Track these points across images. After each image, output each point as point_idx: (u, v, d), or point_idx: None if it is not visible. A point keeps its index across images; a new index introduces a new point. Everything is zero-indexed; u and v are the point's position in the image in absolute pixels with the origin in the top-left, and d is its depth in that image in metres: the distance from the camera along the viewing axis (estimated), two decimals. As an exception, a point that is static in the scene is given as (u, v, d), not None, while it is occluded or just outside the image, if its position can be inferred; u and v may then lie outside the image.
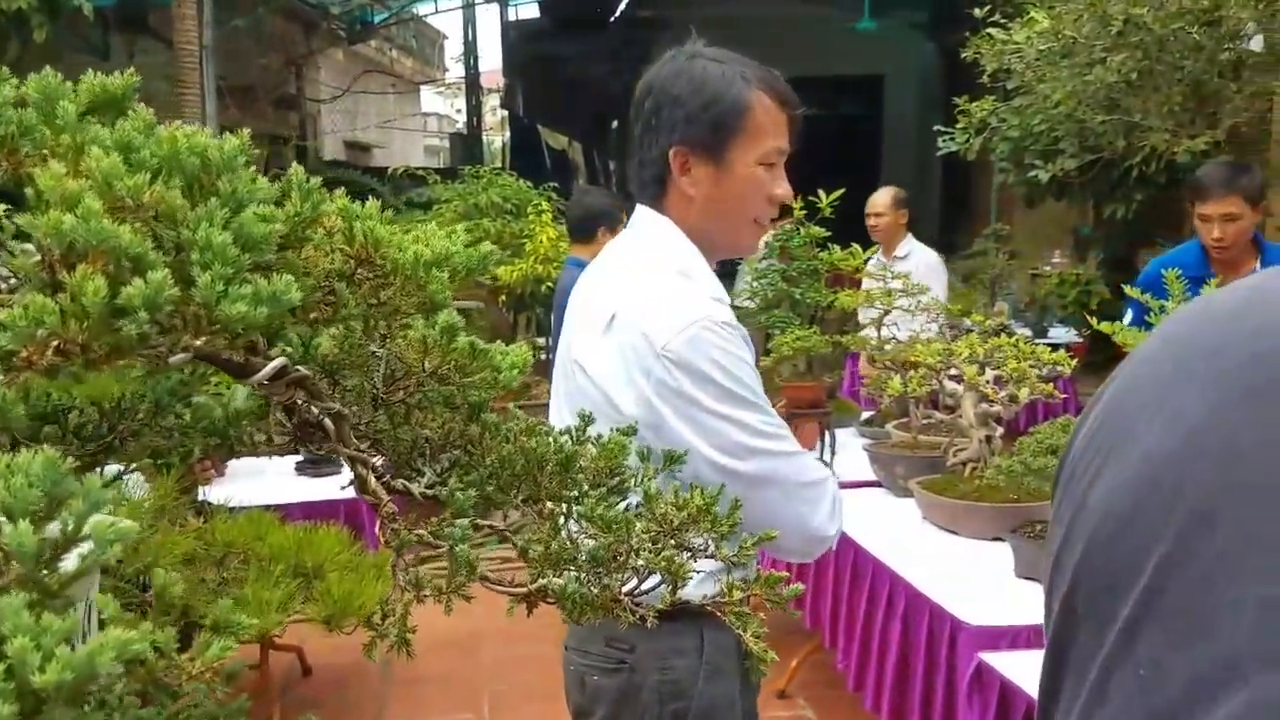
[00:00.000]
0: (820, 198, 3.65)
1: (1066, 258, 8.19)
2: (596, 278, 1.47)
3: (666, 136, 1.38)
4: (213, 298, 0.41)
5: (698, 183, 1.38)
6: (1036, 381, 2.35)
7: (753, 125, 1.37)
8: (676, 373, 1.27)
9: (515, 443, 0.74)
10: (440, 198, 5.54)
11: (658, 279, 1.37)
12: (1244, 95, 4.02)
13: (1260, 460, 0.37)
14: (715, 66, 1.39)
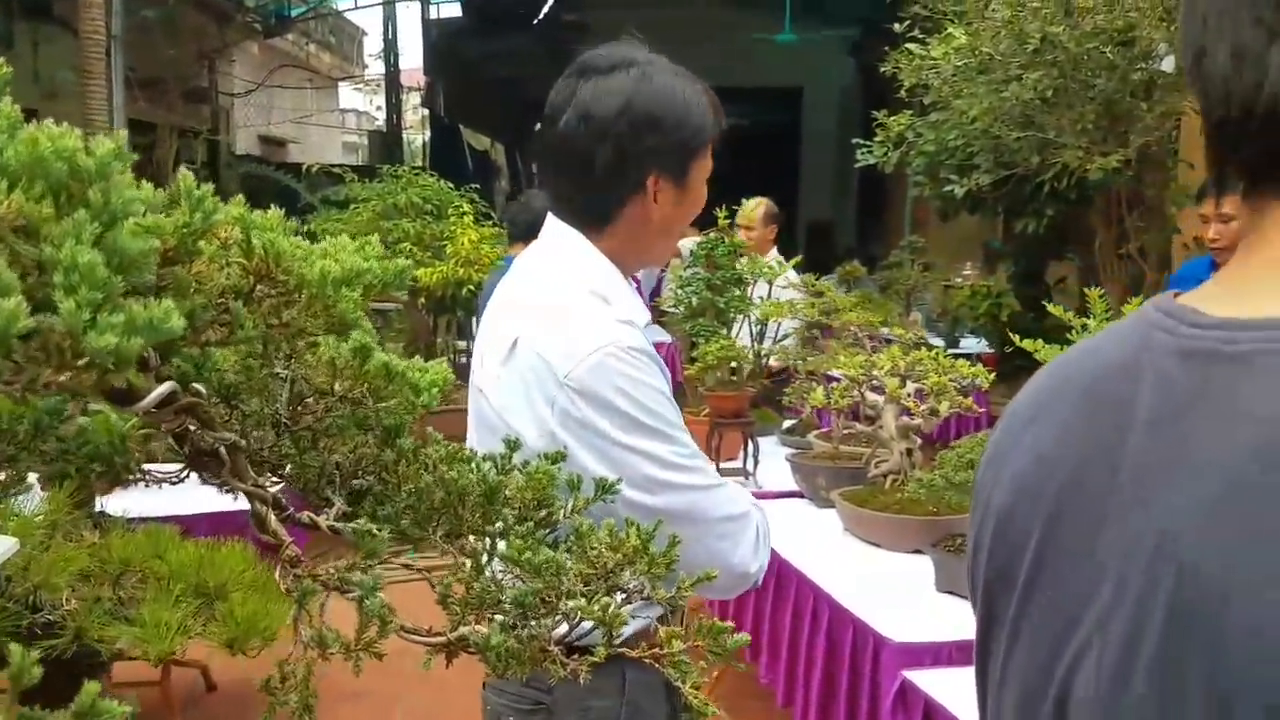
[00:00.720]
0: (743, 205, 3.66)
1: (977, 270, 8.37)
2: (504, 301, 1.40)
3: (646, 162, 1.30)
4: (78, 327, 0.35)
5: (662, 206, 1.33)
6: (955, 395, 2.36)
7: (707, 145, 1.36)
8: (580, 402, 1.21)
9: (435, 472, 0.68)
10: (358, 196, 5.40)
11: (564, 303, 1.29)
12: (1154, 115, 4.14)
13: (1089, 473, 0.55)
14: (687, 87, 1.35)
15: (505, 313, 1.37)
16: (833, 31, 13.39)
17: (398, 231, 5.13)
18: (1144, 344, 0.55)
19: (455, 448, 0.74)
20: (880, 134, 5.46)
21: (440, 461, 0.72)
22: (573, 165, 1.32)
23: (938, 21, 4.86)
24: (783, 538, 2.49)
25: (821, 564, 2.29)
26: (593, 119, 1.29)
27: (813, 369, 2.98)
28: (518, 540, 0.62)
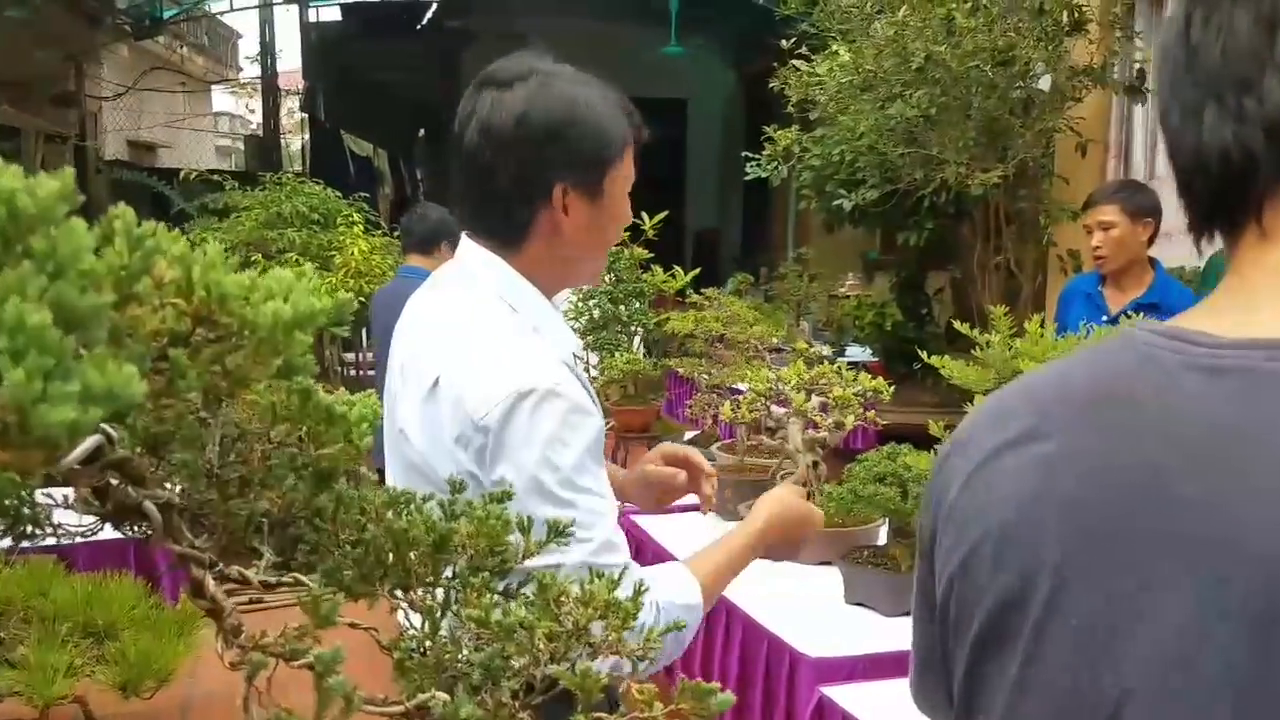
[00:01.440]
0: (644, 220, 3.65)
1: (858, 279, 8.61)
2: (419, 327, 1.33)
3: (550, 173, 1.25)
4: (27, 400, 0.30)
5: (574, 219, 1.27)
6: (859, 408, 2.40)
7: (623, 155, 1.30)
8: (492, 448, 1.15)
9: (380, 522, 0.64)
10: (239, 205, 5.19)
11: (487, 336, 1.23)
12: (1032, 132, 4.31)
13: (1126, 488, 0.58)
14: (592, 94, 1.29)
15: (424, 343, 1.29)
16: (717, 45, 13.60)
17: (282, 241, 4.95)
18: (1148, 364, 0.59)
19: (398, 492, 0.69)
20: (768, 148, 5.55)
21: (384, 507, 0.68)
22: (478, 182, 1.27)
23: (823, 39, 4.97)
24: (691, 551, 2.48)
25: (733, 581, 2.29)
26: (492, 132, 1.24)
27: (717, 383, 2.99)
28: (476, 595, 0.58)
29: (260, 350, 0.49)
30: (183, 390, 0.48)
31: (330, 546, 0.68)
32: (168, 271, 0.48)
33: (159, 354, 0.50)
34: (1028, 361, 1.63)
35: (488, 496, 0.72)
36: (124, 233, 0.43)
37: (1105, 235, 3.02)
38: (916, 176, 4.58)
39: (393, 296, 3.81)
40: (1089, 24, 4.26)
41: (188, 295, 0.49)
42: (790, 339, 6.62)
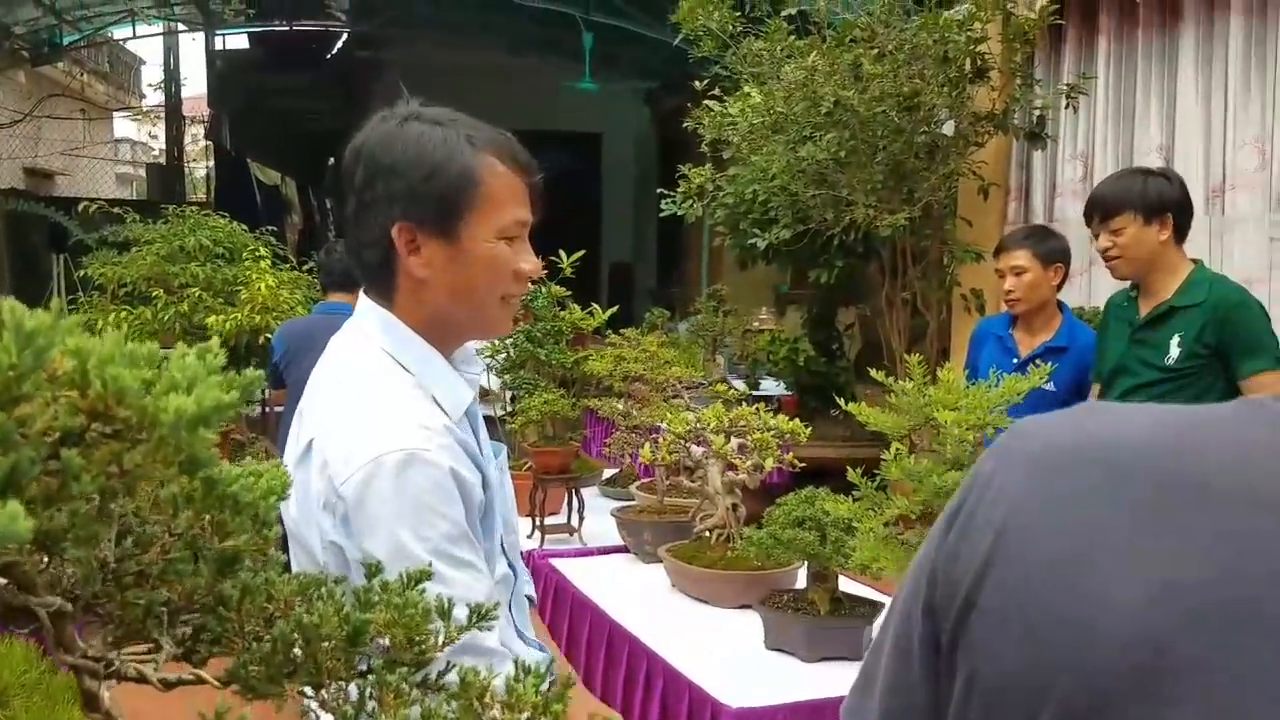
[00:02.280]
0: (561, 257, 3.64)
1: (771, 314, 8.73)
2: (311, 390, 1.27)
3: (385, 212, 1.19)
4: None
5: (430, 264, 1.21)
6: (777, 450, 2.42)
7: (486, 196, 1.21)
8: (352, 516, 1.10)
9: (289, 615, 0.60)
10: (140, 238, 5.00)
11: (361, 395, 1.17)
12: (937, 175, 4.43)
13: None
14: (435, 130, 1.21)
15: (308, 402, 1.25)
16: (631, 81, 13.74)
17: (185, 276, 4.78)
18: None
19: (308, 578, 0.66)
20: (682, 185, 5.61)
21: (293, 595, 0.64)
22: (345, 230, 1.27)
23: (735, 81, 5.06)
24: (612, 596, 2.46)
25: (652, 624, 2.27)
26: (341, 176, 1.24)
27: (636, 423, 2.98)
28: (394, 695, 0.55)
29: (161, 448, 0.46)
30: (76, 493, 0.45)
31: (234, 636, 0.64)
32: (62, 363, 0.45)
33: (50, 452, 0.46)
34: (942, 410, 1.66)
35: (406, 578, 0.69)
36: (13, 328, 0.40)
37: (1017, 280, 3.11)
38: (827, 216, 4.66)
39: (304, 334, 3.71)
40: (991, 72, 4.41)
41: (83, 389, 0.46)
42: (706, 374, 6.67)
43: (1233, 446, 0.55)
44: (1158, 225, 2.72)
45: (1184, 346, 2.65)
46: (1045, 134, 4.57)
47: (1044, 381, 1.76)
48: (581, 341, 4.18)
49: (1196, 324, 2.63)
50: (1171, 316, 2.68)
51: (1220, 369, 2.61)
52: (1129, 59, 4.52)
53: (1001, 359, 3.12)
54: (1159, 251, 2.73)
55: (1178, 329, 2.67)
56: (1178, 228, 2.74)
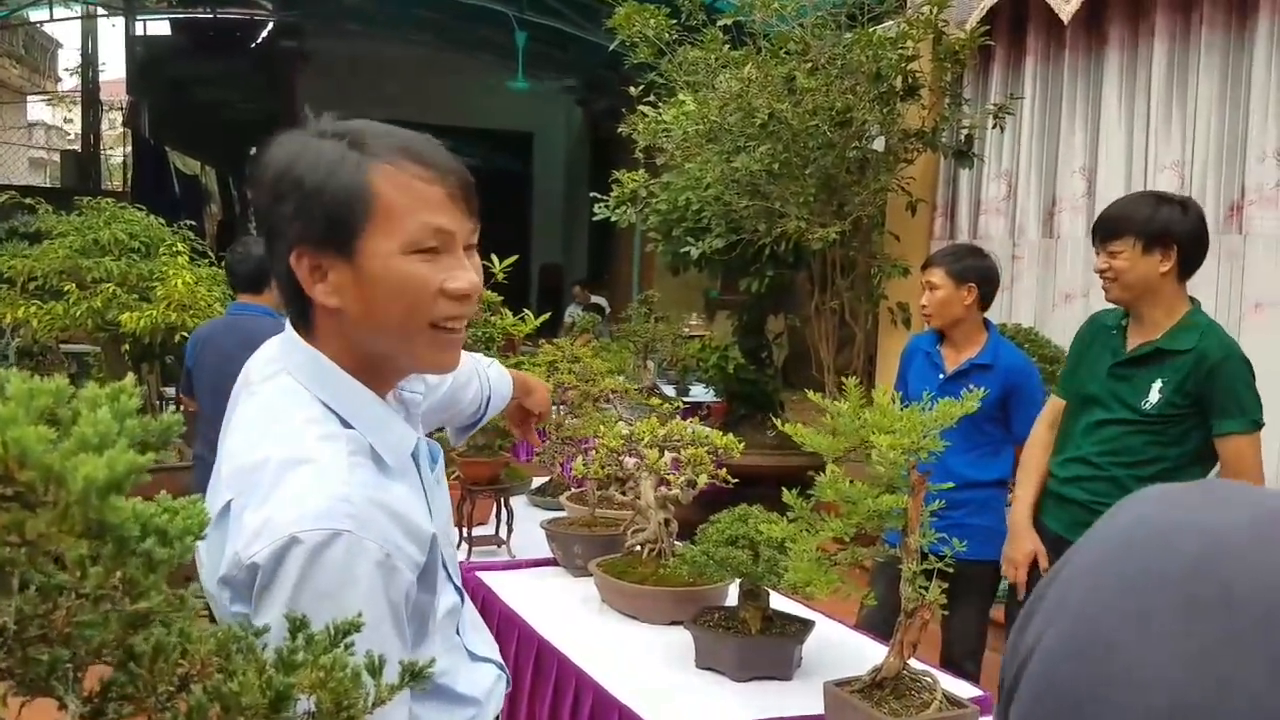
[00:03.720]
0: (494, 261, 3.58)
1: (702, 319, 8.76)
2: (229, 438, 1.12)
3: (284, 238, 1.06)
4: None
5: (338, 290, 1.05)
6: (711, 465, 2.40)
7: (382, 208, 1.04)
8: (255, 595, 0.95)
9: (205, 678, 0.56)
10: (53, 230, 4.80)
11: (287, 453, 1.01)
12: (868, 190, 4.49)
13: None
14: (330, 145, 1.07)
15: (226, 453, 1.09)
16: (564, 82, 13.68)
17: (99, 270, 4.60)
18: None
19: (226, 634, 0.61)
20: (616, 190, 5.59)
21: (210, 655, 0.60)
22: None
23: (670, 88, 5.06)
24: (541, 612, 2.42)
25: (581, 641, 2.24)
26: (253, 188, 1.11)
27: (570, 434, 2.94)
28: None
29: (69, 517, 0.41)
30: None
31: (145, 695, 0.59)
32: (-47, 423, 0.41)
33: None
34: (878, 435, 1.66)
35: (332, 630, 0.65)
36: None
37: (931, 295, 3.15)
38: (759, 227, 4.69)
39: (208, 339, 3.58)
40: (921, 89, 4.48)
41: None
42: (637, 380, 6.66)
43: None
44: (1159, 255, 2.51)
45: (1164, 394, 2.54)
46: (973, 153, 4.65)
47: (976, 409, 1.77)
48: (513, 348, 4.13)
49: (1181, 372, 2.52)
50: (1158, 359, 2.57)
51: (1200, 419, 2.53)
52: (1055, 80, 4.64)
53: (929, 374, 3.16)
54: (1156, 283, 2.53)
55: (1162, 375, 2.55)
56: (1182, 261, 2.53)
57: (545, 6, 10.19)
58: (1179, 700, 0.41)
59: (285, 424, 1.05)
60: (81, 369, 5.13)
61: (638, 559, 2.45)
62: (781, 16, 4.61)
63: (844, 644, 2.23)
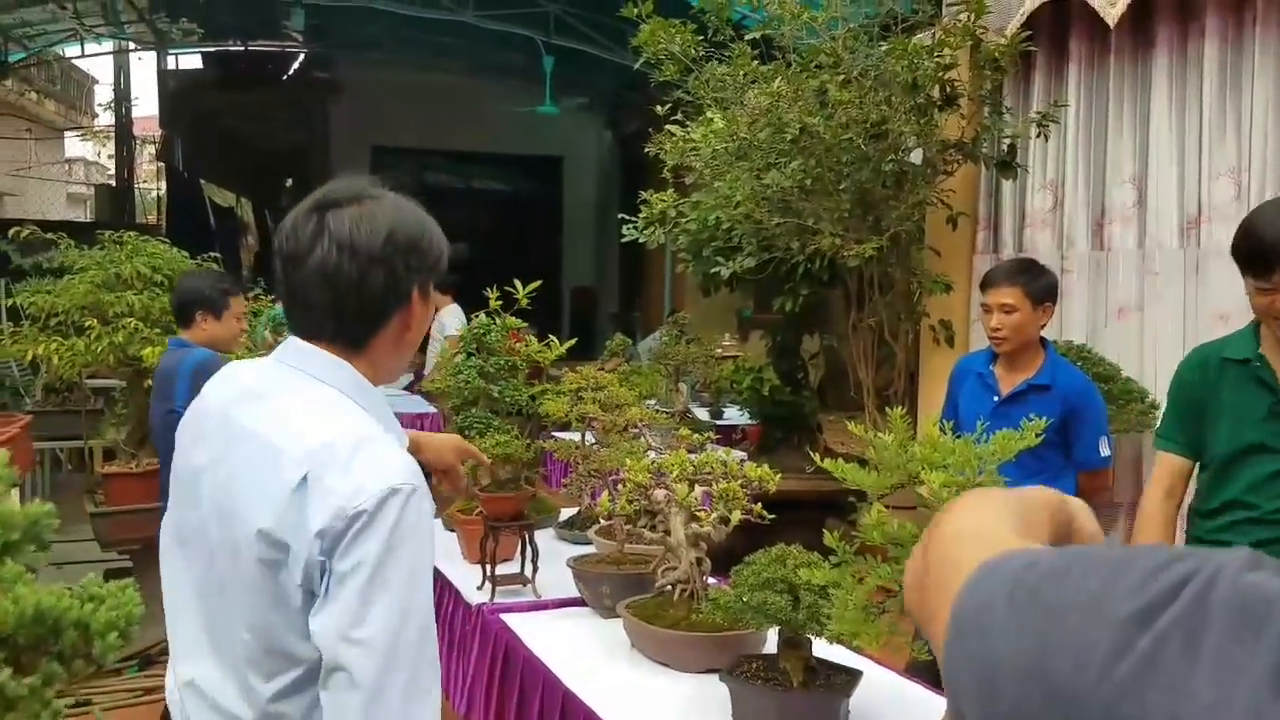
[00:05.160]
0: (517, 287, 3.45)
1: (734, 339, 8.60)
2: (261, 435, 1.33)
3: (412, 281, 1.39)
4: None
5: (417, 317, 1.43)
6: (745, 500, 2.25)
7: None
8: (356, 537, 1.22)
9: None
10: (74, 265, 4.75)
11: (351, 435, 1.30)
12: (906, 204, 4.32)
13: None
14: (425, 215, 1.45)
15: (268, 447, 1.30)
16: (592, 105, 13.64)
17: (121, 305, 4.54)
18: None
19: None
20: (644, 210, 5.47)
21: None
22: (335, 292, 1.35)
23: (698, 105, 4.94)
24: (567, 658, 2.27)
25: (608, 690, 2.09)
26: (359, 248, 1.34)
27: (597, 467, 2.80)
28: None
29: None
30: None
31: None
32: None
33: None
34: (928, 471, 1.50)
35: None
36: None
37: (1005, 318, 2.90)
38: (792, 245, 4.54)
39: (169, 372, 3.49)
40: (960, 99, 4.32)
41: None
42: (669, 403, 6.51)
43: None
44: None
45: None
46: (1016, 163, 4.48)
47: (1037, 440, 1.61)
48: (539, 375, 4.00)
49: None
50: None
51: None
52: (1100, 86, 4.45)
53: (981, 397, 2.98)
54: None
55: None
56: None
57: (572, 30, 10.14)
58: None
59: (342, 416, 1.33)
60: (107, 404, 5.07)
61: (669, 600, 2.30)
62: (812, 29, 4.47)
63: (896, 695, 2.06)
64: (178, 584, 1.39)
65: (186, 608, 1.36)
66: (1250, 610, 0.43)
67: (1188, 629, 0.43)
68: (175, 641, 1.39)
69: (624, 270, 14.69)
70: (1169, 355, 4.12)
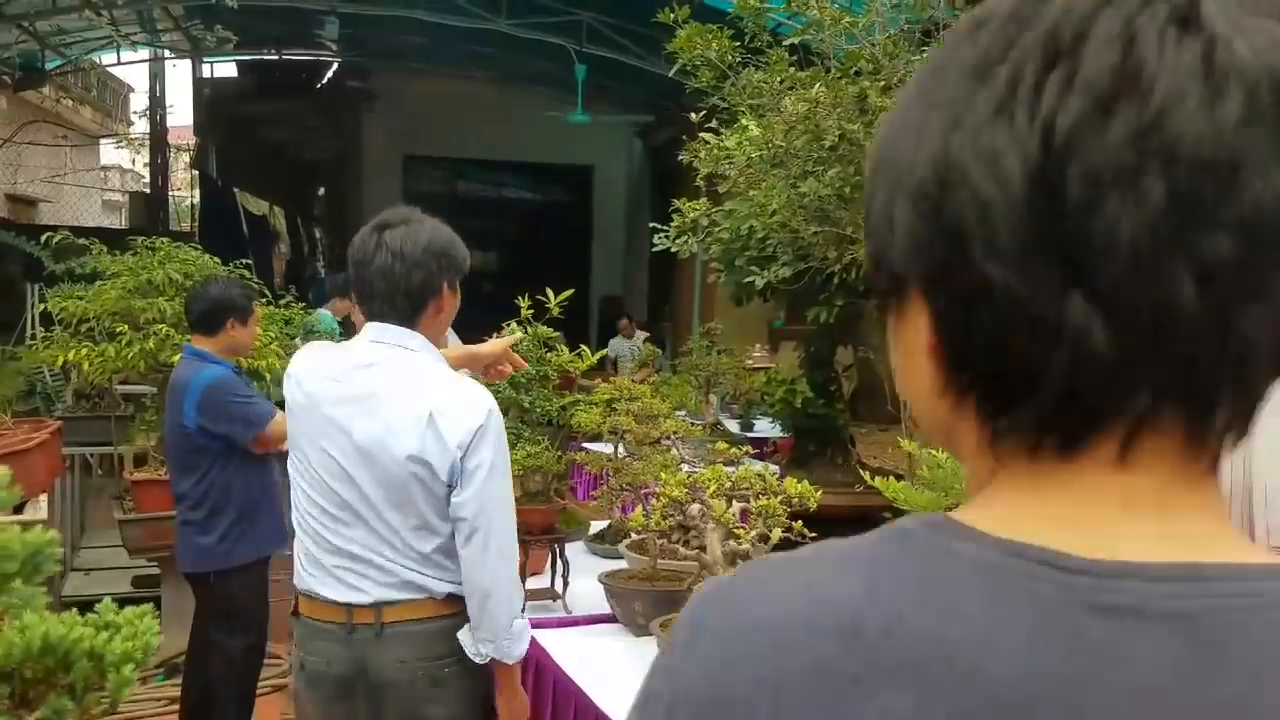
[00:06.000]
0: (549, 296, 3.38)
1: (765, 350, 8.50)
2: (388, 390, 1.97)
3: (446, 278, 2.05)
4: None
5: (449, 306, 2.08)
6: (785, 516, 2.17)
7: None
8: (475, 445, 1.93)
9: None
10: (106, 270, 4.75)
11: (451, 377, 2.05)
12: (945, 214, 4.22)
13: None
14: (451, 232, 2.10)
15: (395, 395, 1.96)
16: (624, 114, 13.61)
17: (152, 311, 4.52)
18: (1013, 597, 0.43)
19: None
20: (676, 219, 5.39)
21: None
22: (394, 287, 1.99)
23: (733, 113, 4.85)
24: (598, 678, 2.20)
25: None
26: (405, 255, 1.99)
27: (630, 480, 2.73)
28: None
29: None
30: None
31: None
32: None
33: None
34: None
35: None
36: None
37: None
38: (829, 255, 4.44)
39: (182, 381, 3.40)
40: (1003, 105, 4.21)
41: None
42: (698, 414, 6.43)
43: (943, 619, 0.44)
44: None
45: None
46: (1059, 173, 4.36)
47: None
48: (570, 385, 3.93)
49: None
50: None
51: None
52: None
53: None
54: None
55: None
56: None
57: (605, 39, 10.12)
58: None
59: (438, 368, 2.04)
60: (137, 410, 5.06)
61: (706, 620, 2.22)
62: (851, 35, 4.39)
63: None
64: (323, 488, 2.00)
65: (334, 499, 1.98)
66: None
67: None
68: (325, 522, 1.98)
69: (654, 281, 14.63)
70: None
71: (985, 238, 0.44)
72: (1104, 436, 0.45)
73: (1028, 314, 0.44)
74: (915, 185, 0.47)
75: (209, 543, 3.31)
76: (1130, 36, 0.42)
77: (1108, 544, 0.44)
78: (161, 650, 4.47)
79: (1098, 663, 0.41)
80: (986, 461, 0.49)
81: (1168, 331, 0.42)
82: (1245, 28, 0.42)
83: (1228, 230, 0.41)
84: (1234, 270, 0.41)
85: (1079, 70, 0.42)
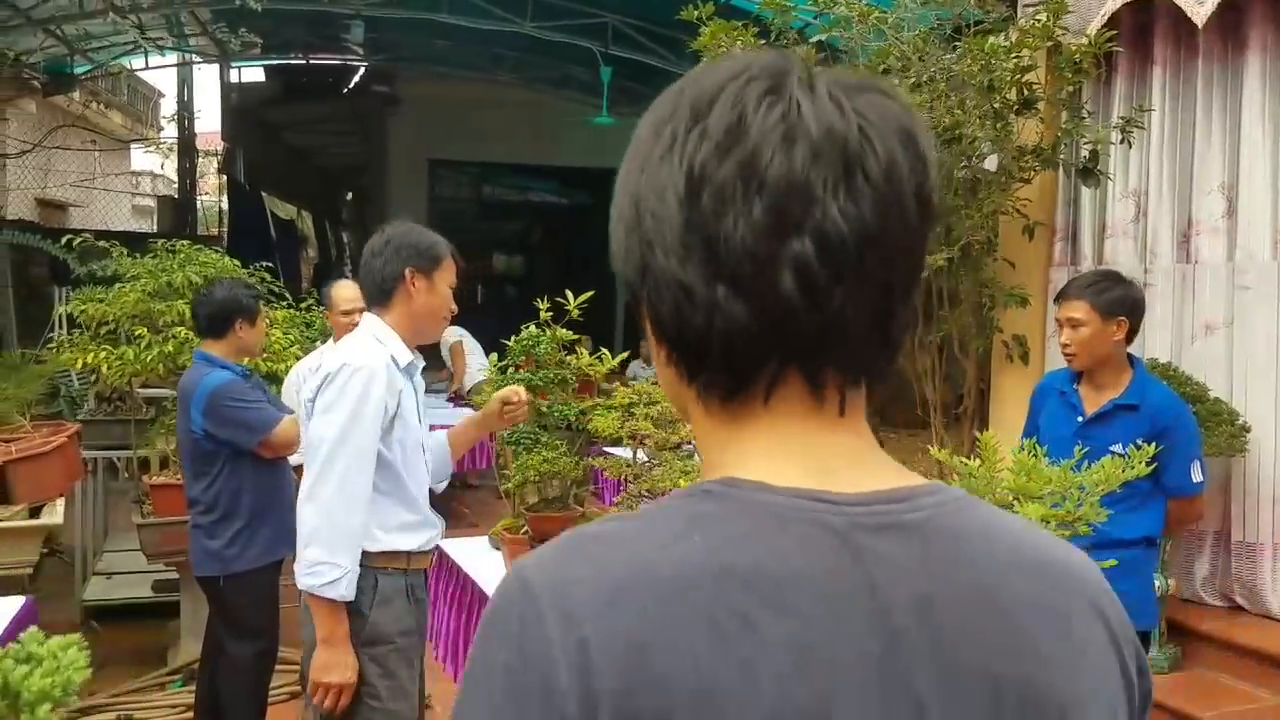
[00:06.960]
0: (568, 298, 3.30)
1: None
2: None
3: (405, 264, 2.39)
4: None
5: (419, 293, 2.41)
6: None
7: (448, 264, 2.45)
8: (326, 389, 2.35)
9: None
10: (127, 273, 4.73)
11: (347, 345, 2.42)
12: (979, 213, 4.11)
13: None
14: (431, 233, 2.46)
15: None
16: (650, 116, 13.48)
17: (172, 314, 4.50)
18: (810, 528, 0.60)
19: None
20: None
21: None
22: (368, 277, 2.43)
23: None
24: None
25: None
26: (375, 251, 2.41)
27: (648, 486, 2.64)
28: None
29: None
30: None
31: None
32: None
33: None
34: (1025, 503, 1.32)
35: None
36: None
37: (1074, 333, 2.72)
38: (857, 256, 4.34)
39: (188, 386, 3.39)
40: (1039, 103, 4.10)
41: None
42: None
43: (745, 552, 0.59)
44: None
45: None
46: (1099, 171, 4.23)
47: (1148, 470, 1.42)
48: (589, 389, 3.85)
49: None
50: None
51: None
52: (1187, 90, 4.20)
53: (1064, 417, 2.77)
54: None
55: None
56: None
57: (630, 41, 10.04)
58: None
59: (359, 335, 2.42)
60: (159, 413, 5.03)
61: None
62: (879, 32, 4.29)
63: None
64: None
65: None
66: None
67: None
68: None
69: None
70: (1261, 375, 3.84)
71: (661, 243, 0.63)
72: (785, 390, 0.63)
73: (690, 297, 0.62)
74: (625, 213, 0.67)
75: (217, 546, 3.28)
76: (742, 103, 0.61)
77: (842, 481, 0.62)
78: (180, 657, 4.43)
79: (877, 562, 0.60)
80: (704, 422, 0.66)
81: (783, 310, 0.59)
82: (819, 98, 0.61)
83: (811, 236, 0.59)
84: (819, 266, 0.59)
85: (709, 126, 0.62)
